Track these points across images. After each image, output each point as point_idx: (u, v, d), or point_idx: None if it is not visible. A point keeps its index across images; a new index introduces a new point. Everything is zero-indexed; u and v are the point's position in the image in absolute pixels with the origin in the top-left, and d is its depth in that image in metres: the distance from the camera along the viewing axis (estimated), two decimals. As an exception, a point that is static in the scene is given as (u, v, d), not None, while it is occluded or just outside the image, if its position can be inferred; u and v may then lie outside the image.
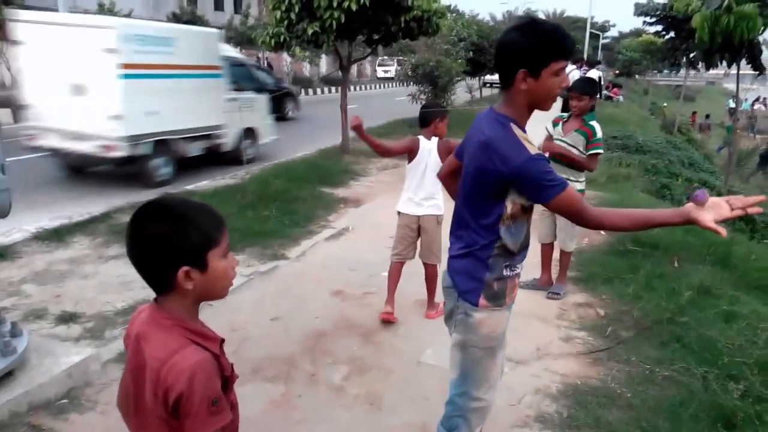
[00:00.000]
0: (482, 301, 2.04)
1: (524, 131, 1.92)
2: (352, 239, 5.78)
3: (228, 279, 1.29)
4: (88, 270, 4.56)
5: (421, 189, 3.78)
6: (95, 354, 3.17)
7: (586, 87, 4.22)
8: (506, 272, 2.03)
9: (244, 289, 4.37)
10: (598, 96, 4.36)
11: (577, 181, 4.26)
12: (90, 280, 4.39)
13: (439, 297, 2.56)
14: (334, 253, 5.29)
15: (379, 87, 33.65)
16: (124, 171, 7.80)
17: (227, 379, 1.31)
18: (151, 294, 1.30)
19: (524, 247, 2.05)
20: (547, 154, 4.19)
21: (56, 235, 5.24)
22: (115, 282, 4.32)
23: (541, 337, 3.74)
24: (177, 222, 1.21)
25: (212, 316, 3.86)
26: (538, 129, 4.36)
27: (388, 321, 3.84)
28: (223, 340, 1.34)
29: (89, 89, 6.86)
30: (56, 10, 16.17)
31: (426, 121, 3.77)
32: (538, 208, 2.15)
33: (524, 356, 3.47)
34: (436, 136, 3.77)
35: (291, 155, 9.70)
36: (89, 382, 3.04)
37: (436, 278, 3.85)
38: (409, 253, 3.94)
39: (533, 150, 1.84)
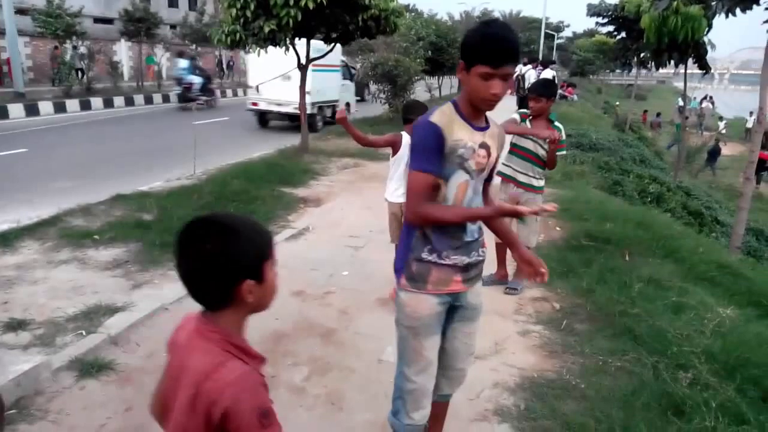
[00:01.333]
0: (402, 280, 2.13)
1: (461, 114, 1.99)
2: (313, 239, 5.75)
3: (276, 287, 1.29)
4: (37, 275, 4.40)
5: (403, 179, 3.94)
6: (46, 362, 3.06)
7: (544, 89, 4.30)
8: (427, 256, 2.05)
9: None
10: (555, 97, 4.46)
11: (539, 179, 4.38)
12: (40, 285, 4.23)
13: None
14: (294, 253, 5.25)
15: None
16: (294, 124, 12.49)
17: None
18: (97, 301, 1.27)
19: (447, 233, 2.04)
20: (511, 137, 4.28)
21: (3, 240, 5.03)
22: (66, 287, 4.18)
23: (499, 332, 3.80)
24: (233, 237, 1.21)
25: (168, 320, 3.79)
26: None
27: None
28: (264, 360, 1.30)
29: (293, 78, 11.15)
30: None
31: (408, 118, 3.93)
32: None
33: (483, 351, 3.52)
34: None
35: (249, 155, 9.58)
36: (40, 390, 2.94)
37: None
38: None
39: (435, 119, 1.95)
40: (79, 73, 20.39)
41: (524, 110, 4.45)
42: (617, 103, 31.67)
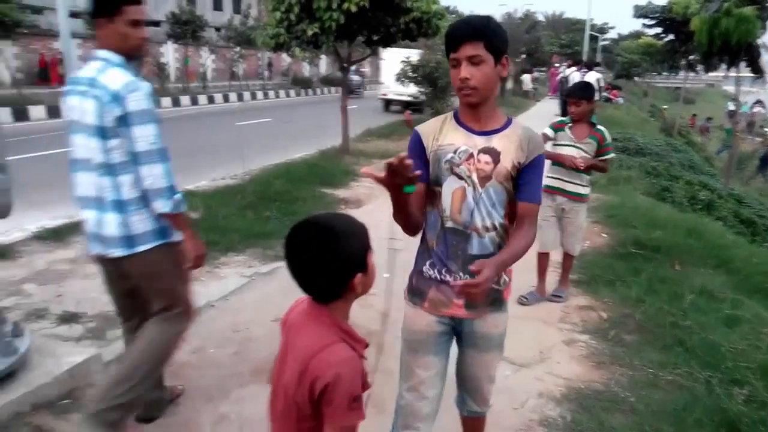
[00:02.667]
0: (405, 293, 2.08)
1: (457, 118, 1.94)
2: (354, 240, 5.76)
3: (375, 272, 1.41)
4: (89, 270, 4.53)
5: None
6: (97, 354, 3.16)
7: (582, 91, 4.19)
8: (428, 270, 1.96)
9: (246, 290, 4.36)
10: (595, 99, 4.34)
11: (587, 186, 4.26)
12: (91, 280, 4.36)
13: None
14: (335, 254, 5.27)
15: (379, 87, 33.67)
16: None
17: (363, 382, 1.38)
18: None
19: (448, 244, 1.91)
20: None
21: (57, 235, 5.21)
22: (117, 282, 4.30)
23: (544, 340, 3.73)
24: (344, 238, 1.32)
25: (215, 317, 3.86)
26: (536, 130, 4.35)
27: None
28: (367, 345, 1.42)
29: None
30: (53, 9, 16.09)
31: None
32: (542, 213, 2.13)
33: (527, 359, 3.46)
34: None
35: (291, 156, 9.69)
36: (91, 382, 3.02)
37: None
38: None
39: (421, 126, 1.95)
40: None
41: (562, 119, 4.36)
42: (665, 106, 30.82)
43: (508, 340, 2.13)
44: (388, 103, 20.24)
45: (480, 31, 1.77)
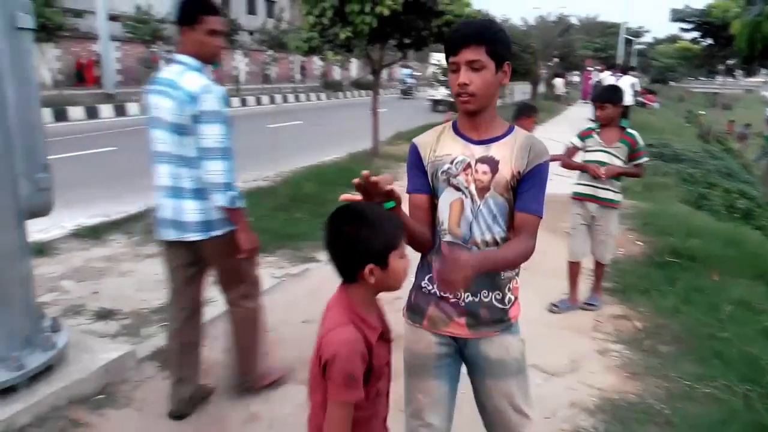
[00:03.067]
0: (404, 311, 1.95)
1: (455, 127, 1.85)
2: (383, 243, 5.76)
3: (402, 275, 1.47)
4: (125, 268, 4.65)
5: None
6: (132, 351, 3.22)
7: (609, 94, 4.06)
8: (427, 285, 1.85)
9: (276, 291, 4.40)
10: (629, 103, 4.26)
11: (619, 192, 4.14)
12: (127, 277, 4.46)
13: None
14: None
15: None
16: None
17: (372, 367, 1.47)
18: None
19: (430, 263, 1.80)
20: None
21: (94, 233, 5.35)
22: (151, 280, 4.38)
23: (576, 349, 3.67)
24: (368, 227, 1.41)
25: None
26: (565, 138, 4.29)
27: None
28: (383, 333, 1.51)
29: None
30: (93, 12, 16.58)
31: (516, 116, 4.30)
32: (572, 222, 2.06)
33: (558, 368, 3.41)
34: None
35: (321, 158, 9.75)
36: (125, 378, 3.09)
37: None
38: None
39: (417, 137, 1.88)
40: None
41: (589, 126, 4.26)
42: (702, 112, 30.10)
43: (539, 348, 2.08)
44: (436, 103, 21.94)
45: (482, 35, 1.67)
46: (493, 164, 1.75)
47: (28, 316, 2.85)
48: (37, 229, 4.88)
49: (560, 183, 4.31)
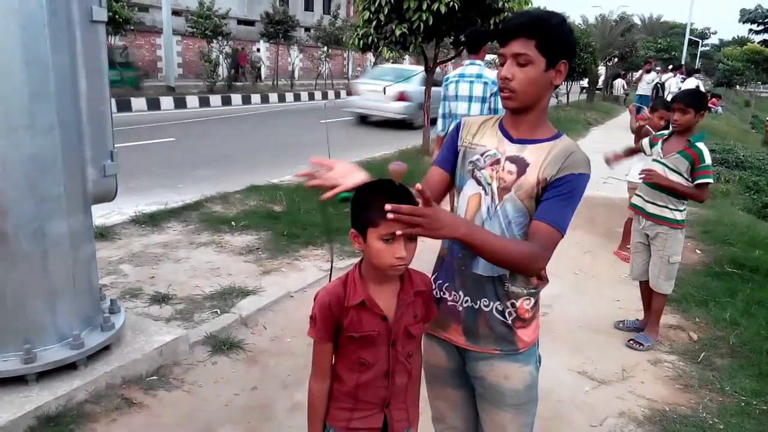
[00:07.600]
0: None
1: (501, 121, 1.72)
2: (429, 241, 5.74)
3: (382, 260, 1.46)
4: (180, 254, 4.80)
5: None
6: (184, 335, 3.32)
7: (693, 99, 3.56)
8: (436, 289, 1.74)
9: (323, 284, 4.41)
10: (705, 111, 3.86)
11: (675, 210, 3.60)
12: (182, 264, 4.61)
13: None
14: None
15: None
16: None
17: (342, 326, 1.55)
18: (230, 283, 1.35)
19: (450, 256, 1.71)
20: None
21: (152, 220, 5.54)
22: (205, 268, 4.52)
23: (627, 358, 3.56)
24: (358, 197, 1.50)
25: (294, 307, 3.98)
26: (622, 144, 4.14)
27: None
28: (363, 302, 1.53)
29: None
30: (159, 8, 17.21)
31: None
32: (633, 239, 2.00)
33: (608, 376, 3.32)
34: None
35: (371, 154, 9.80)
36: (177, 361, 3.19)
37: None
38: None
39: (469, 118, 1.83)
40: (233, 71, 22.17)
41: (662, 132, 3.89)
42: (769, 118, 28.63)
43: (590, 354, 2.01)
44: None
45: (534, 27, 1.51)
46: (522, 165, 1.59)
47: (89, 297, 2.99)
48: (99, 215, 5.11)
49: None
